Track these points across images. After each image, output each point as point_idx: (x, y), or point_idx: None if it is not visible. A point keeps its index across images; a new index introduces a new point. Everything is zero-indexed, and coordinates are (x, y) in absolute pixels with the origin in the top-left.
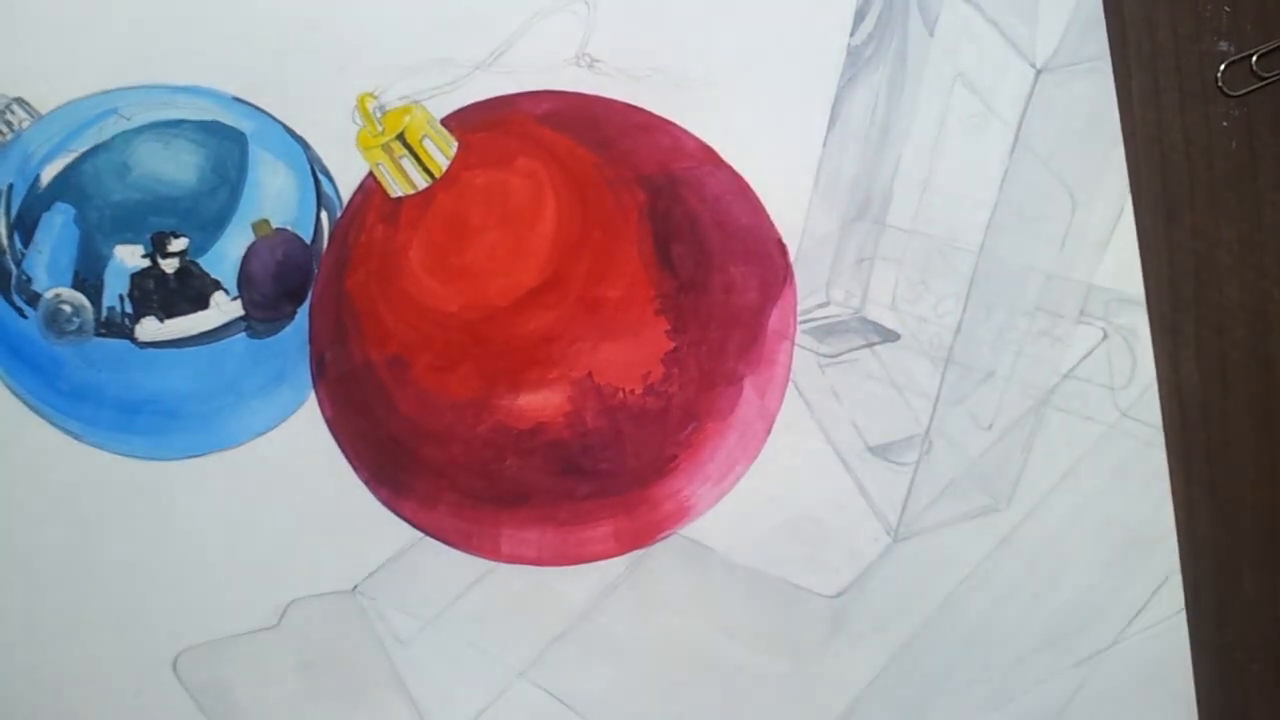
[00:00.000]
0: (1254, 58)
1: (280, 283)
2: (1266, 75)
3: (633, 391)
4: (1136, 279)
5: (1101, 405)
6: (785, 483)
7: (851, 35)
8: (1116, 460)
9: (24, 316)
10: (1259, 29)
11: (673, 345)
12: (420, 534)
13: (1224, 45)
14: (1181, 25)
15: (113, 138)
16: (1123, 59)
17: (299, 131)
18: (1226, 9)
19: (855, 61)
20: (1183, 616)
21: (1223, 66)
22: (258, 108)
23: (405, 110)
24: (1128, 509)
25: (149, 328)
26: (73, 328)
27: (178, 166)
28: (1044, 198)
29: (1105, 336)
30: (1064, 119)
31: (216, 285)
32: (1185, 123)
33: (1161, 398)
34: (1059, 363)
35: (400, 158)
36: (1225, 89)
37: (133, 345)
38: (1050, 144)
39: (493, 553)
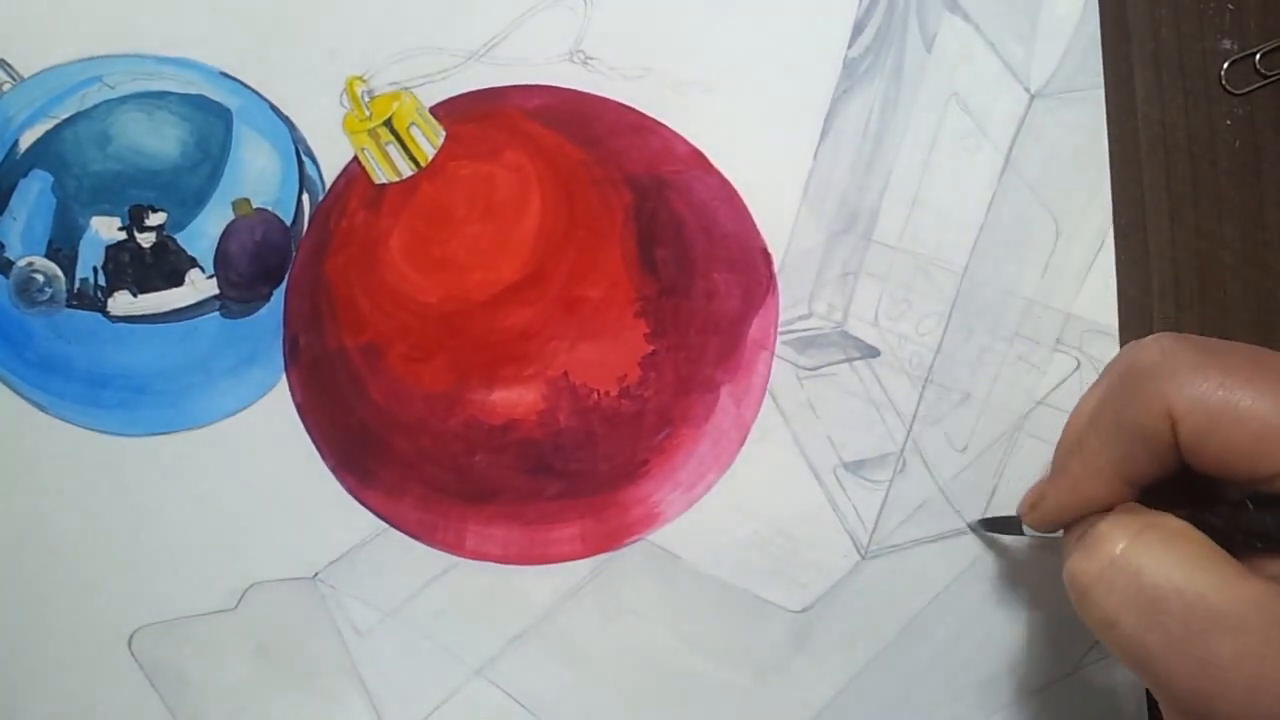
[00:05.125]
0: (1257, 56)
1: (257, 263)
2: (1270, 73)
3: (608, 393)
4: (1112, 311)
5: None
6: (756, 494)
7: (849, 47)
8: None
9: None
10: (1262, 27)
11: (651, 349)
12: (385, 525)
13: (1227, 43)
14: (1184, 23)
15: (95, 106)
16: (1126, 57)
17: (285, 111)
18: (1230, 7)
19: (851, 74)
20: None
21: (1226, 65)
22: (245, 84)
23: (394, 96)
24: None
25: (122, 301)
26: (44, 297)
27: (160, 139)
28: (1029, 224)
29: (1078, 366)
30: (1054, 146)
31: (193, 262)
32: (1188, 121)
33: None
34: (1034, 389)
35: (386, 144)
36: (1229, 87)
37: (104, 318)
38: (1039, 170)
39: (457, 548)
